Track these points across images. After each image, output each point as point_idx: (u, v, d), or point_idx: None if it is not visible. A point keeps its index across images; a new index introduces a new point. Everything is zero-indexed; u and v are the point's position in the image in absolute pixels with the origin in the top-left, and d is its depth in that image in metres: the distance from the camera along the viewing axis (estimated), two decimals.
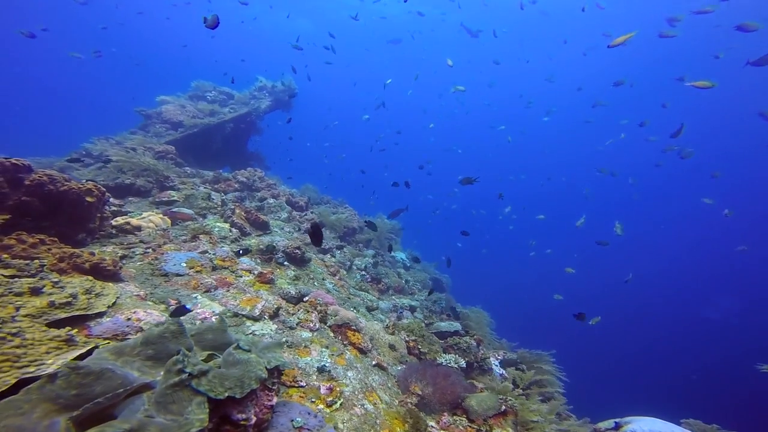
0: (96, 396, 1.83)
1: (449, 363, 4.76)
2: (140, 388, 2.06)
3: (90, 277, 3.09)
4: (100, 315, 2.92)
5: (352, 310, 5.20)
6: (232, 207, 6.22)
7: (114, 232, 4.66)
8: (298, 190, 10.99)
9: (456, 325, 6.49)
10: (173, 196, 6.56)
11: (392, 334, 5.03)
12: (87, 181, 5.03)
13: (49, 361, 2.10)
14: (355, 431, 3.02)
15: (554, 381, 6.07)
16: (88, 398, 1.82)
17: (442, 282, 11.48)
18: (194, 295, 3.91)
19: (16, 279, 2.70)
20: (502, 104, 37.65)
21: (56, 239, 3.59)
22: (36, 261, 3.04)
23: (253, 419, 2.23)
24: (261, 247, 5.43)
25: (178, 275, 4.15)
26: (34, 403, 1.75)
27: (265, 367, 2.40)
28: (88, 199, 4.26)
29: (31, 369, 2.02)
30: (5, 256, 2.94)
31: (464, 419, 3.91)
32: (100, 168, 7.76)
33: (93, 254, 3.42)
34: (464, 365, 4.86)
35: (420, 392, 3.85)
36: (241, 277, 4.65)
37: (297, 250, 5.63)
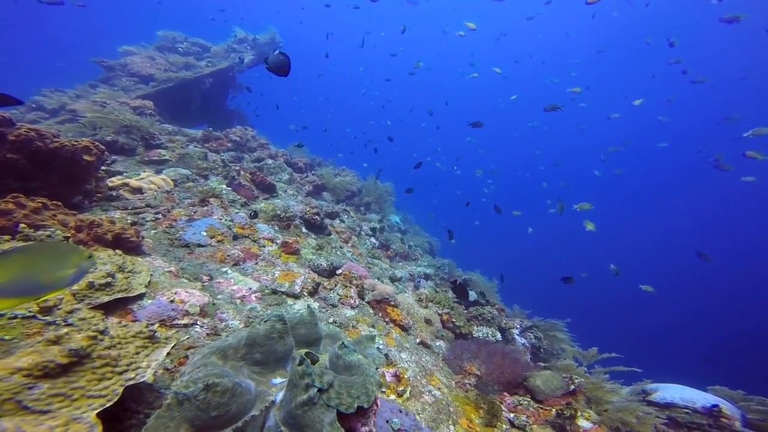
0: (233, 417, 1.58)
1: (487, 336, 4.64)
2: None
3: (119, 252, 2.58)
4: (140, 297, 2.46)
5: (377, 281, 4.93)
6: (237, 168, 5.62)
7: (113, 194, 4.03)
8: (286, 150, 10.29)
9: (473, 294, 6.40)
10: (164, 155, 5.84)
11: (425, 307, 4.83)
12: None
13: (143, 364, 1.69)
14: (434, 423, 2.82)
15: (569, 349, 6.16)
16: (226, 419, 1.58)
17: (433, 246, 11.44)
18: (224, 269, 3.47)
19: None
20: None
21: (59, 203, 3.00)
22: (58, 232, 2.48)
23: (375, 430, 1.97)
24: (277, 212, 4.95)
25: (200, 245, 3.67)
26: (178, 423, 1.49)
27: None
28: (86, 157, 3.61)
29: (131, 374, 1.62)
30: (23, 226, 2.37)
31: (529, 399, 3.78)
32: (62, 122, 6.83)
33: (113, 223, 2.88)
34: (500, 338, 4.77)
35: (478, 372, 3.68)
36: (265, 247, 4.22)
37: (316, 216, 5.20)
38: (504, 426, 3.51)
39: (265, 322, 2.06)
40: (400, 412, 2.71)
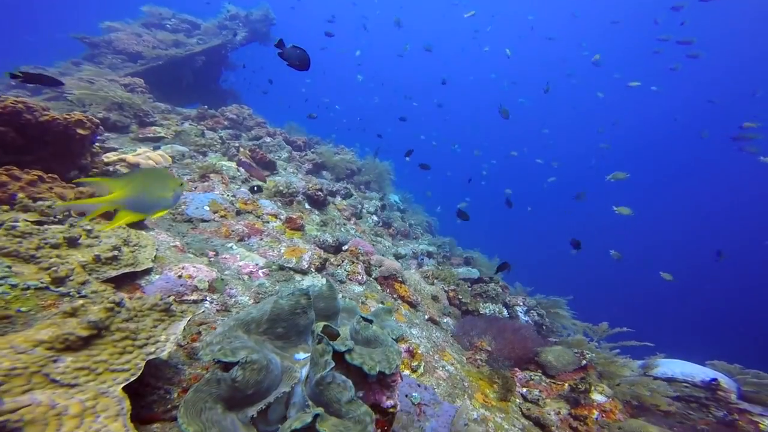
0: (264, 393, 1.56)
1: (494, 313, 4.62)
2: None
3: (123, 225, 2.47)
4: (147, 272, 2.36)
5: (384, 257, 4.87)
6: (237, 145, 5.46)
7: (110, 169, 3.88)
8: (283, 129, 10.05)
9: (474, 272, 6.35)
10: (159, 132, 5.64)
11: (432, 284, 4.78)
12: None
13: (162, 338, 1.61)
14: (449, 398, 2.79)
15: (579, 324, 6.17)
16: (259, 396, 1.57)
17: (432, 225, 11.38)
18: (229, 245, 3.37)
19: (45, 226, 2.05)
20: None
21: (56, 176, 2.86)
22: (59, 202, 2.36)
23: (399, 405, 1.92)
24: (279, 188, 4.83)
25: (203, 221, 3.56)
26: (215, 399, 1.48)
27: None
28: (80, 131, 3.44)
29: (151, 348, 1.54)
30: (21, 195, 2.24)
31: (540, 375, 3.77)
32: (48, 100, 6.56)
33: None
34: (507, 315, 4.75)
35: (488, 348, 3.66)
36: (269, 222, 4.11)
37: (319, 192, 5.09)
38: (517, 400, 3.52)
39: (289, 296, 1.98)
40: (419, 386, 2.68)
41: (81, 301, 1.52)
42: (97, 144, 4.38)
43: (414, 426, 2.51)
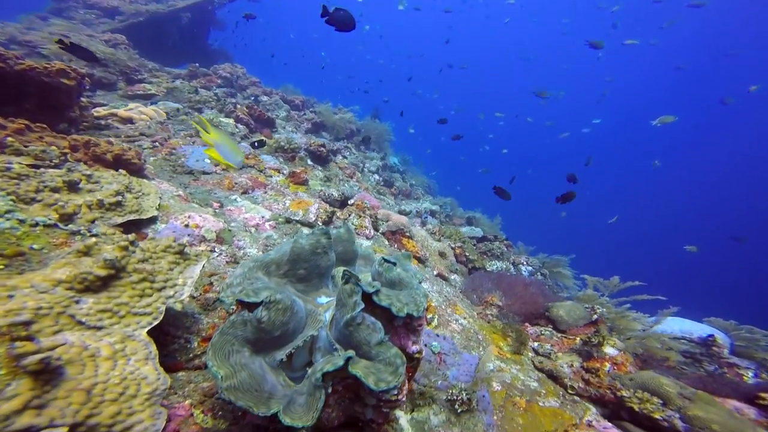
0: (291, 336, 1.56)
1: (501, 271, 4.59)
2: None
3: (124, 172, 2.31)
4: (153, 221, 2.23)
5: (390, 212, 4.78)
6: (233, 102, 5.20)
7: (102, 123, 3.66)
8: (278, 89, 9.64)
9: (478, 230, 6.30)
10: (150, 90, 5.35)
11: (438, 240, 4.71)
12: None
13: (180, 281, 1.52)
14: (465, 350, 2.77)
15: (572, 286, 6.21)
16: (286, 338, 1.56)
17: (431, 187, 11.27)
18: (234, 197, 3.24)
19: (42, 170, 1.90)
20: None
21: (45, 126, 2.67)
22: (53, 148, 2.18)
23: (424, 350, 1.88)
24: (281, 144, 4.64)
25: (205, 173, 3.40)
26: (241, 342, 1.45)
27: None
28: (65, 81, 3.20)
29: (170, 291, 1.46)
30: (11, 139, 2.06)
31: (551, 329, 3.76)
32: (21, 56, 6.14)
33: (111, 143, 2.58)
34: (514, 272, 4.73)
35: (499, 303, 3.63)
36: (272, 177, 3.96)
37: (321, 148, 4.91)
38: (530, 354, 3.53)
39: (309, 236, 1.88)
40: (437, 336, 2.65)
41: (93, 240, 1.41)
42: (85, 98, 4.13)
43: (436, 374, 2.50)
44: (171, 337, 1.82)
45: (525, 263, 6.07)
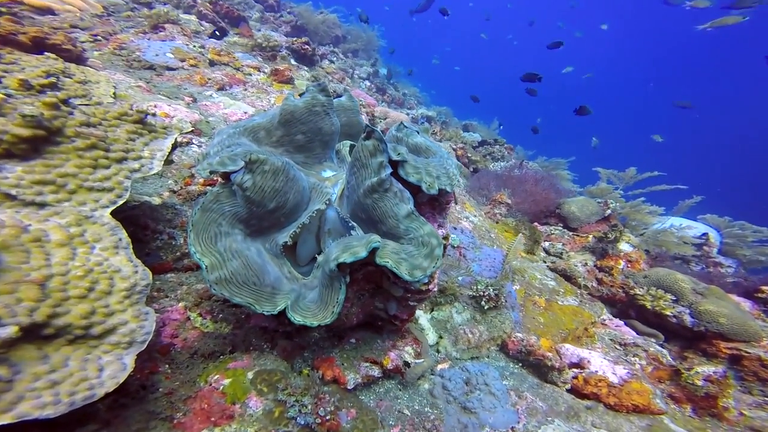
0: (292, 211, 1.32)
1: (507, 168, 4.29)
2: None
3: (54, 56, 1.81)
4: None
5: (388, 109, 4.34)
6: None
7: (1, 10, 2.97)
8: None
9: (476, 135, 5.94)
10: None
11: (440, 141, 4.33)
12: None
13: (145, 153, 1.21)
14: (485, 245, 2.54)
15: (602, 171, 5.96)
16: (286, 213, 1.31)
17: (422, 99, 10.62)
18: (209, 93, 2.77)
19: None
20: None
21: None
22: None
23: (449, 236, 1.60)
24: (258, 41, 4.00)
25: (169, 68, 2.88)
26: (230, 221, 1.18)
27: None
28: None
29: (135, 165, 1.15)
30: None
31: (561, 228, 3.57)
32: None
33: (21, 24, 2.03)
34: (519, 172, 4.43)
35: (508, 201, 3.36)
36: (251, 75, 3.45)
37: (306, 46, 4.27)
38: (541, 253, 3.37)
39: (302, 94, 1.49)
40: (455, 228, 2.39)
41: (1, 94, 1.01)
42: None
43: (461, 266, 2.27)
44: (151, 232, 1.51)
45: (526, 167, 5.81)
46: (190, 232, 1.12)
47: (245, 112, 2.66)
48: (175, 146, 1.51)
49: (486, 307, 1.99)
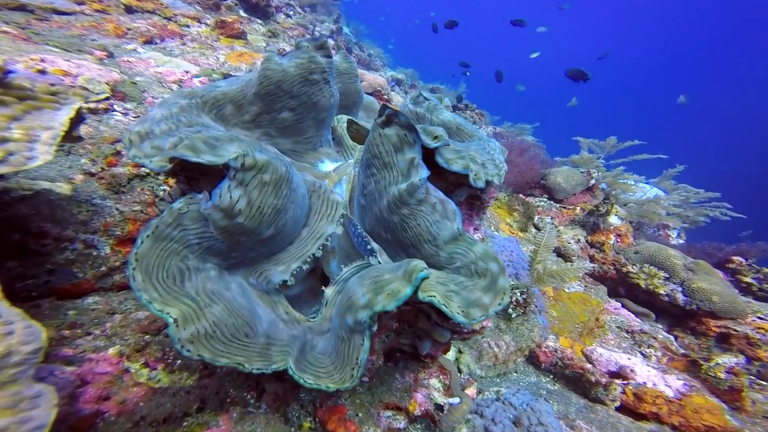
0: (292, 227, 0.91)
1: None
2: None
3: None
4: None
5: (364, 71, 3.81)
6: None
7: None
8: None
9: (446, 101, 5.55)
10: None
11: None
12: None
13: (17, 134, 0.83)
14: (495, 232, 2.17)
15: (583, 141, 5.81)
16: (281, 237, 0.89)
17: (386, 60, 10.01)
18: (131, 47, 2.12)
19: None
20: None
21: None
22: None
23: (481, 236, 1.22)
24: None
25: (57, 11, 2.16)
26: (200, 256, 0.76)
27: None
28: None
29: None
30: None
31: (546, 199, 3.37)
32: None
33: None
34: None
35: None
36: (189, 26, 2.76)
37: None
38: (532, 230, 3.12)
39: (292, 53, 1.01)
40: None
41: None
42: None
43: None
44: (54, 241, 0.99)
45: (491, 133, 5.53)
46: (137, 271, 0.64)
47: (186, 71, 2.06)
48: (79, 118, 0.99)
49: (513, 315, 1.63)
